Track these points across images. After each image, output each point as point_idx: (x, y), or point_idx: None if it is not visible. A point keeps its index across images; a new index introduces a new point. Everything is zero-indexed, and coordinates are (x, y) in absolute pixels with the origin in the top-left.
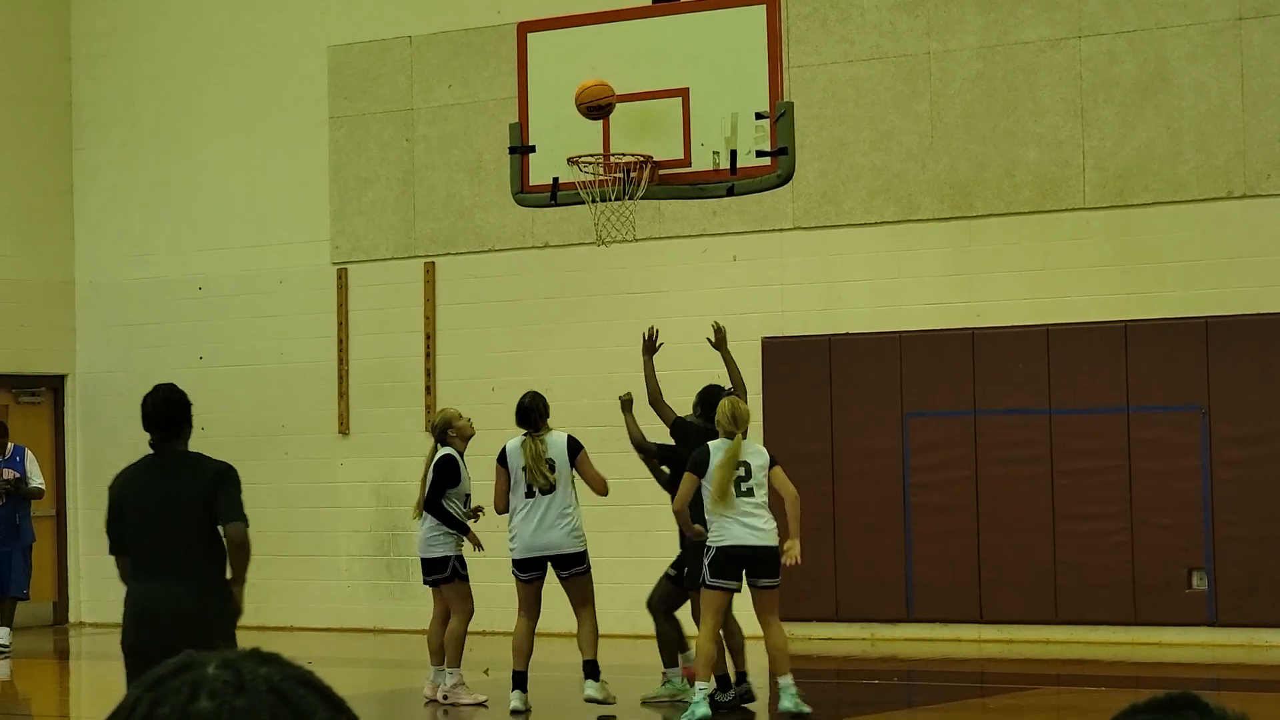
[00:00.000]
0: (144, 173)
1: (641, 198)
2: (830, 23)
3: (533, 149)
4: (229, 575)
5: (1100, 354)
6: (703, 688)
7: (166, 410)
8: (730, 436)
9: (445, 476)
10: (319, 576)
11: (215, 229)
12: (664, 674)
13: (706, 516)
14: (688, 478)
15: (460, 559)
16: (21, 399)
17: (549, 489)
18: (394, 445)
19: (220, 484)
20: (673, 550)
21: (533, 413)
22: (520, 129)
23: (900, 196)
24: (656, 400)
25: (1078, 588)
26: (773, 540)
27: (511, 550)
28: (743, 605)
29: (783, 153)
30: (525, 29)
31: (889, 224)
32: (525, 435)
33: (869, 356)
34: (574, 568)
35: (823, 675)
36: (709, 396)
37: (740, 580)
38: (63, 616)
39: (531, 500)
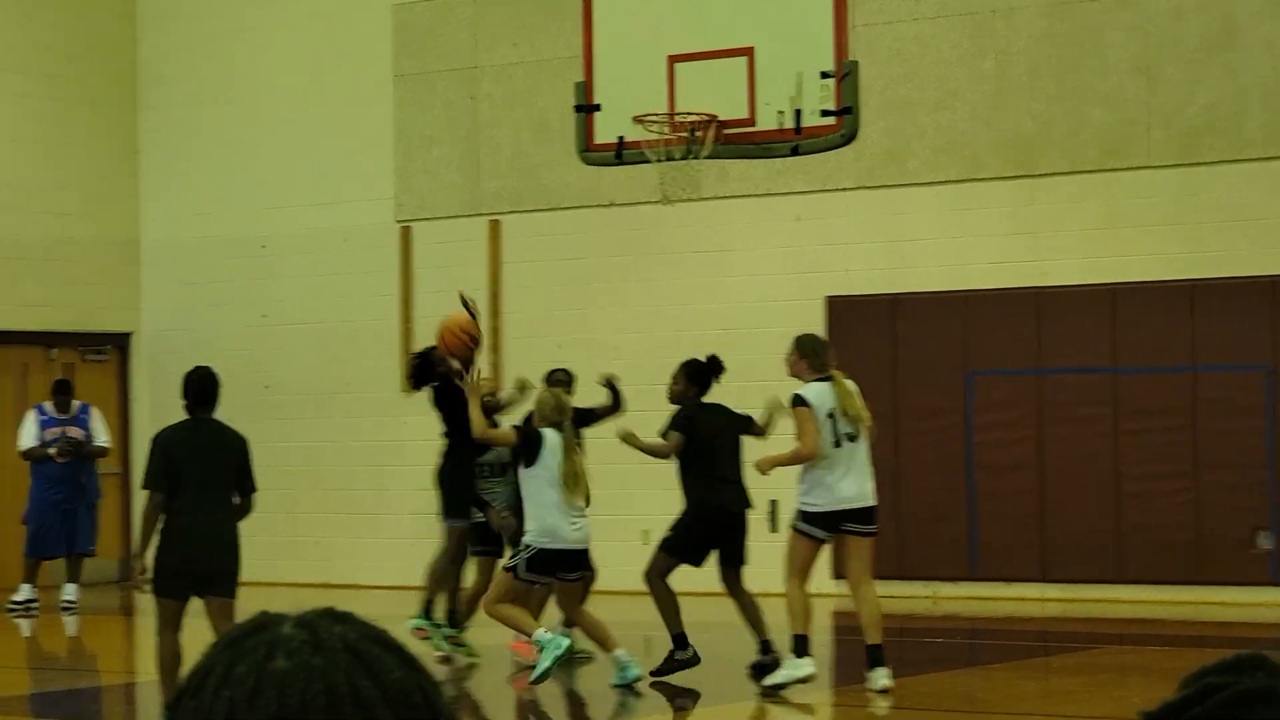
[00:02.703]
0: (209, 131)
1: (706, 157)
2: None
3: (598, 108)
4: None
5: (1166, 313)
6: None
7: (207, 387)
8: (557, 428)
9: None
10: (382, 535)
11: (279, 187)
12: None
13: (527, 509)
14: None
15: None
16: (87, 357)
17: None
18: None
19: (247, 455)
20: None
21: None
22: (585, 87)
23: (964, 155)
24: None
25: (1142, 547)
26: (586, 542)
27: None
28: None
29: (847, 112)
30: None
31: (953, 183)
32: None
33: (933, 315)
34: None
35: (885, 633)
36: (700, 370)
37: (554, 577)
38: (128, 573)
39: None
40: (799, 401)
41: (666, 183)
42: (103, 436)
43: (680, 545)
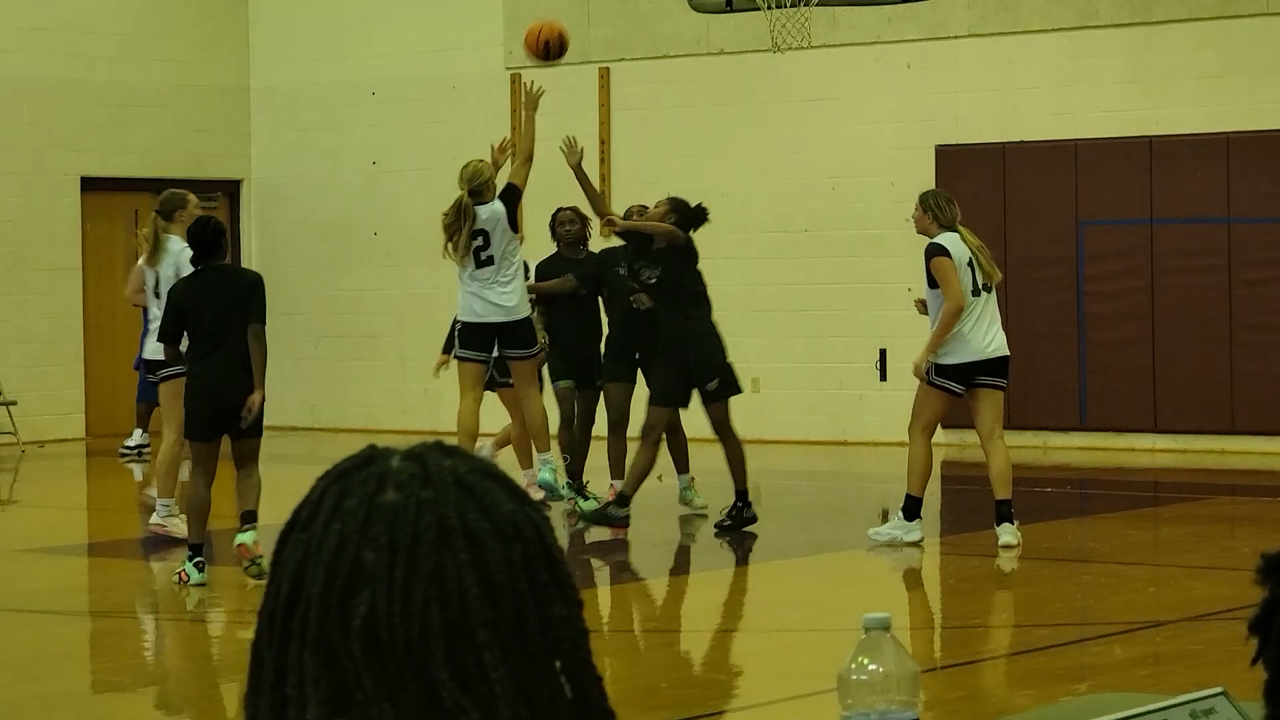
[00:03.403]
0: None
1: (817, 4)
2: None
3: None
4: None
5: None
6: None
7: (208, 236)
8: (476, 195)
9: None
10: None
11: (389, 33)
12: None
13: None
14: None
15: None
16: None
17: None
18: None
19: (255, 291)
20: (846, 355)
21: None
22: None
23: (1078, 2)
24: (599, 208)
25: (1254, 397)
26: (519, 314)
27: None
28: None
29: None
30: None
31: (1066, 30)
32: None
33: (1044, 165)
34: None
35: None
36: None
37: (491, 350)
38: None
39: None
40: (939, 251)
41: (777, 30)
42: None
43: (734, 379)
